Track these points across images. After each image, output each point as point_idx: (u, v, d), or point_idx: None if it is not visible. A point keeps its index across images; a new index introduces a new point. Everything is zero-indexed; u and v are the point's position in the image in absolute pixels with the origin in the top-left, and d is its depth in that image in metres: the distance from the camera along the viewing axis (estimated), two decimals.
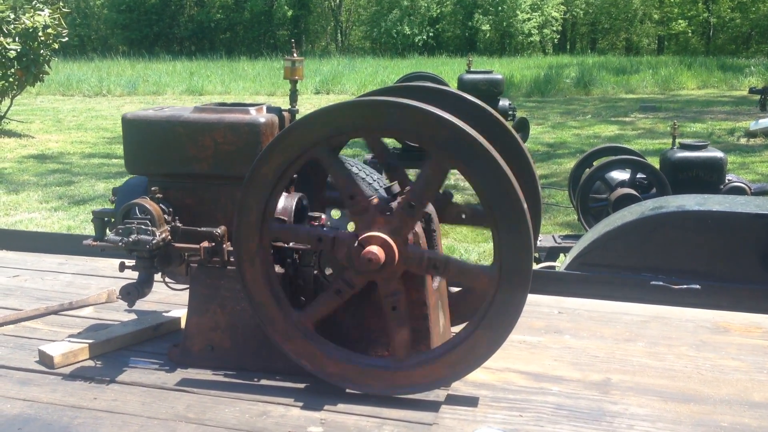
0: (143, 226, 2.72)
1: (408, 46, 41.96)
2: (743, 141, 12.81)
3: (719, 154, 5.12)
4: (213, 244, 2.81)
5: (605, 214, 5.16)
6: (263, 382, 2.78)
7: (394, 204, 2.54)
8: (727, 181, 5.05)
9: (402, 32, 43.43)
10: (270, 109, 2.88)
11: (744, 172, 10.00)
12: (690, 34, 50.00)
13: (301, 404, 2.62)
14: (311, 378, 2.75)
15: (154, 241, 2.71)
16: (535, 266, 4.59)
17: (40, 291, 3.80)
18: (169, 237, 2.79)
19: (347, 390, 2.67)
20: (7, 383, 2.79)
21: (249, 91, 23.98)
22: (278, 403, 2.63)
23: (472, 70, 8.04)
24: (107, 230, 3.01)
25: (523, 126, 8.61)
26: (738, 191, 4.91)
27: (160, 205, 2.81)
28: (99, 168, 10.89)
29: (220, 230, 2.79)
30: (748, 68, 24.97)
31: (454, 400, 2.60)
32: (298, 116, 2.92)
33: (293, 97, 2.91)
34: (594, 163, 5.86)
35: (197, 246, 2.80)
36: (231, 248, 2.81)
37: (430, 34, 44.26)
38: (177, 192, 2.87)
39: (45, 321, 3.40)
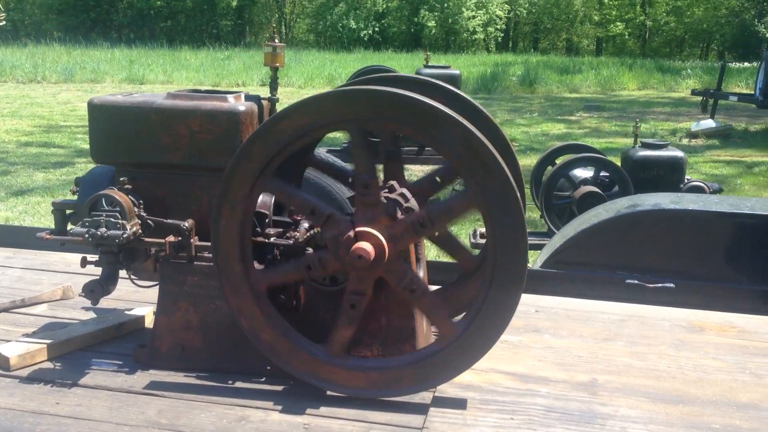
0: (112, 219, 2.55)
1: (354, 41, 41.78)
2: (685, 141, 13.08)
3: (680, 153, 5.17)
4: (180, 238, 2.65)
5: (568, 211, 5.16)
6: (239, 384, 2.64)
7: (409, 208, 2.43)
8: (686, 180, 5.10)
9: (348, 26, 43.23)
10: (249, 98, 2.74)
11: (689, 173, 10.18)
12: (627, 37, 51.14)
13: (280, 408, 2.49)
14: (289, 380, 2.63)
15: (124, 236, 2.54)
16: None
17: None
18: (140, 231, 2.62)
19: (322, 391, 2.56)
20: None
21: (192, 81, 23.47)
22: (257, 407, 2.49)
23: (429, 64, 7.98)
24: (69, 223, 2.84)
25: None
26: (698, 190, 4.96)
27: (130, 196, 2.64)
28: (37, 157, 10.47)
29: (187, 224, 2.63)
30: (684, 71, 25.58)
31: (441, 402, 2.51)
32: (278, 106, 2.79)
33: (274, 85, 2.77)
34: (557, 161, 5.85)
35: (162, 240, 2.64)
36: (199, 243, 2.67)
37: (376, 29, 44.15)
38: (147, 183, 2.70)
39: None
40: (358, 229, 2.39)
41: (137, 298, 3.41)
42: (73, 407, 2.48)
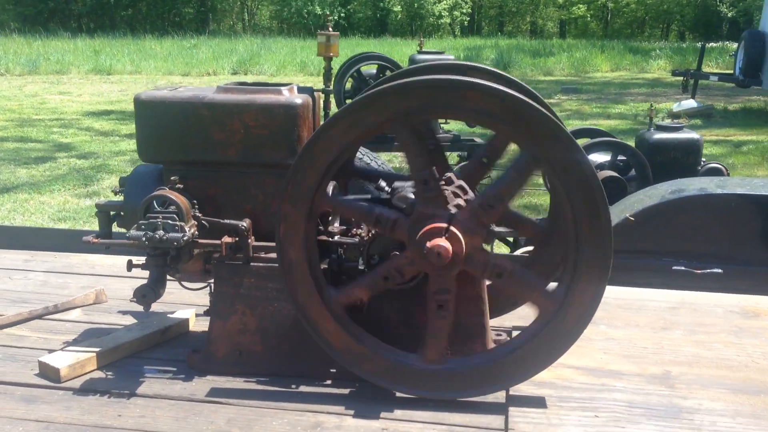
0: (170, 221, 2.42)
1: (319, 27, 41.32)
2: (668, 122, 13.16)
3: (696, 135, 5.13)
4: (236, 238, 2.54)
5: None
6: (303, 388, 2.54)
7: (469, 199, 2.34)
8: (703, 163, 5.08)
9: (313, 12, 42.77)
10: (301, 89, 2.62)
11: None
12: (589, 19, 51.41)
13: (353, 412, 2.40)
14: (352, 382, 2.54)
15: (184, 238, 2.42)
16: (521, 251, 4.48)
17: (12, 292, 3.41)
18: (196, 232, 2.50)
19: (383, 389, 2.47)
20: (10, 402, 2.45)
21: (161, 71, 23.03)
22: (328, 413, 2.40)
23: (423, 50, 7.85)
24: (113, 225, 2.71)
25: None
26: (716, 172, 4.94)
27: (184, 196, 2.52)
28: (15, 153, 10.16)
29: (245, 223, 2.51)
30: (654, 51, 25.79)
31: (519, 401, 2.44)
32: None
33: (327, 75, 2.65)
34: None
35: (218, 241, 2.52)
36: (256, 243, 2.56)
37: (342, 14, 43.77)
38: (198, 181, 2.58)
39: (30, 327, 3.03)
40: (428, 227, 2.30)
41: (171, 300, 3.28)
42: (137, 419, 2.36)
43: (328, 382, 2.58)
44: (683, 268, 3.35)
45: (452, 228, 2.30)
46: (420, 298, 2.46)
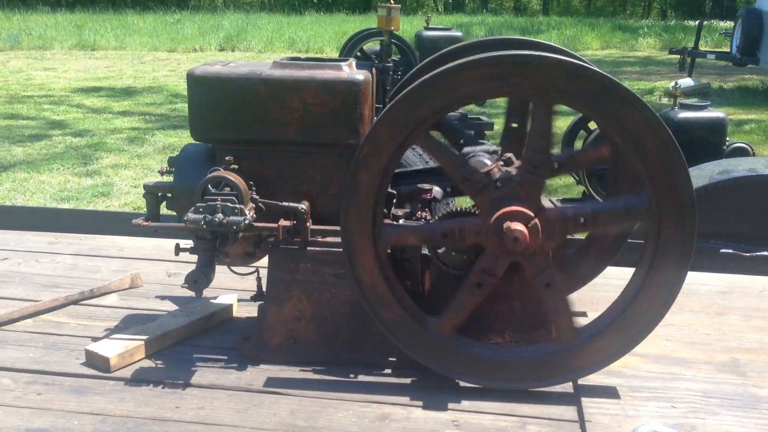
0: (230, 204, 2.31)
1: (303, 3, 40.80)
2: (665, 101, 13.12)
3: (721, 114, 5.06)
4: (294, 222, 2.43)
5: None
6: (362, 378, 2.46)
7: (512, 169, 2.25)
8: (728, 142, 5.01)
9: None
10: (360, 65, 2.51)
11: None
12: None
13: (420, 403, 2.32)
14: (412, 371, 2.46)
15: (246, 221, 2.31)
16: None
17: (42, 276, 3.29)
18: (254, 215, 2.39)
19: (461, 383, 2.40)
20: (60, 394, 2.35)
21: (147, 47, 22.57)
22: (394, 404, 2.32)
23: (430, 26, 7.70)
24: (161, 207, 2.60)
25: None
26: (742, 152, 4.88)
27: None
28: (8, 130, 9.89)
29: (304, 206, 2.41)
30: (642, 29, 25.69)
31: (589, 391, 2.36)
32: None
33: (387, 51, 2.53)
34: (590, 125, 5.70)
35: (274, 225, 2.41)
36: (314, 227, 2.46)
37: None
38: (253, 162, 2.47)
39: (67, 313, 2.92)
40: (494, 217, 2.21)
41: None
42: (196, 411, 2.26)
43: (388, 371, 2.50)
44: (731, 251, 3.30)
45: (537, 221, 2.21)
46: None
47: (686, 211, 2.17)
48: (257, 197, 2.41)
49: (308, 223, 2.45)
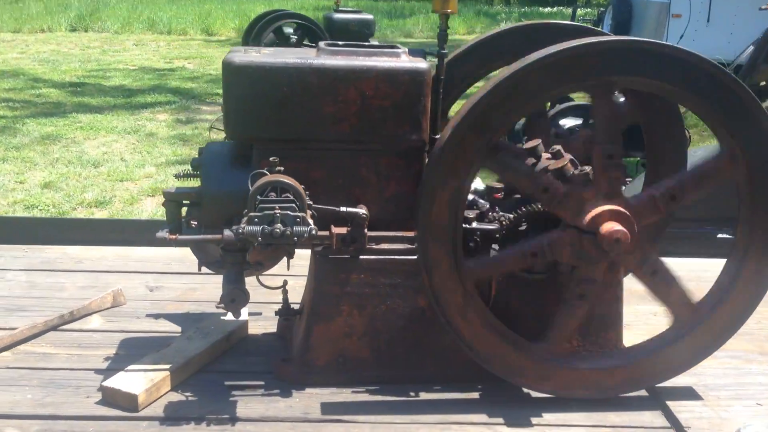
0: (290, 213, 2.01)
1: None
2: None
3: None
4: (349, 228, 2.17)
5: None
6: (425, 396, 2.24)
7: (587, 168, 2.10)
8: None
9: None
10: (412, 52, 2.26)
11: None
12: None
13: (501, 420, 2.13)
14: (472, 384, 2.28)
15: (312, 231, 2.01)
16: None
17: (8, 299, 2.79)
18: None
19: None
20: None
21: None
22: (474, 423, 2.12)
23: (341, 8, 7.43)
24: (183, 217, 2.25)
25: None
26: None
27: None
28: None
29: (363, 210, 2.14)
30: (500, 15, 26.46)
31: (669, 394, 2.26)
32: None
33: (443, 36, 2.28)
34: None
35: (325, 233, 2.14)
36: (372, 233, 2.20)
37: None
38: (299, 163, 2.16)
39: (48, 341, 2.49)
40: (585, 224, 2.05)
41: (196, 297, 2.84)
42: None
43: (438, 387, 2.28)
44: (728, 236, 3.31)
45: (602, 208, 2.06)
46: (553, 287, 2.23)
47: None
48: (311, 203, 2.12)
49: (366, 230, 2.18)
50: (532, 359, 2.19)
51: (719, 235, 3.34)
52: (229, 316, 2.58)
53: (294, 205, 2.02)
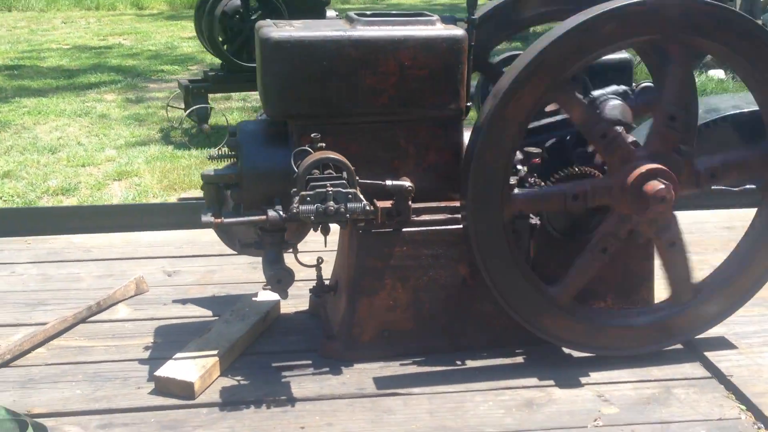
0: (342, 189, 2.00)
1: None
2: None
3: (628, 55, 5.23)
4: (393, 201, 2.17)
5: None
6: (471, 363, 2.28)
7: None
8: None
9: None
10: (444, 19, 2.25)
11: None
12: None
13: (553, 382, 2.18)
14: (512, 349, 2.33)
15: (367, 207, 2.01)
16: None
17: (17, 293, 2.72)
18: None
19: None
20: None
21: None
22: (527, 387, 2.17)
23: None
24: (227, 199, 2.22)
25: None
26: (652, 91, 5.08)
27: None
28: None
29: (408, 183, 2.15)
30: None
31: (704, 345, 2.34)
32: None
33: (473, 2, 2.26)
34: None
35: (369, 208, 2.13)
36: (416, 205, 2.21)
37: None
38: (339, 138, 2.15)
39: (80, 334, 2.44)
40: (635, 175, 2.09)
41: (214, 281, 2.81)
42: (326, 427, 1.99)
43: (485, 354, 2.32)
44: (721, 186, 3.41)
45: (653, 165, 2.11)
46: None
47: None
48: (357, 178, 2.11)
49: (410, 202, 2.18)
50: (575, 320, 2.24)
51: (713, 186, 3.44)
52: (261, 297, 2.57)
53: (345, 181, 2.01)
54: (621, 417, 2.03)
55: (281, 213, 2.08)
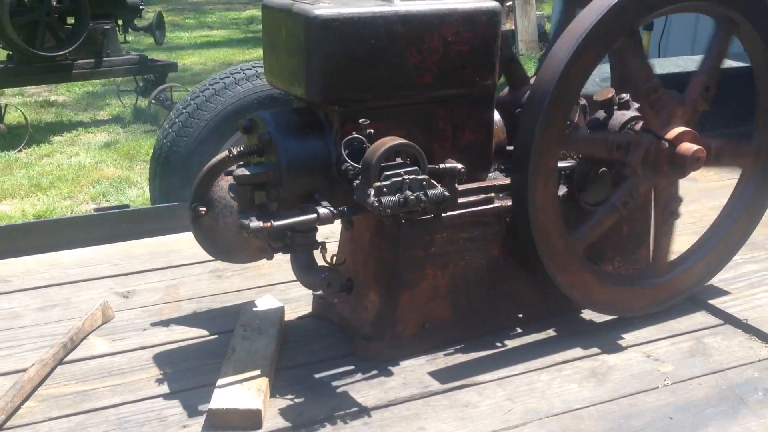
0: (417, 177, 1.84)
1: None
2: None
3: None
4: (444, 185, 2.04)
5: None
6: (513, 343, 2.23)
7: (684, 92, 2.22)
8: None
9: None
10: None
11: None
12: None
13: (598, 350, 2.20)
14: (541, 321, 2.32)
15: (444, 193, 1.87)
16: None
17: None
18: None
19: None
20: None
21: None
22: (575, 359, 2.17)
23: None
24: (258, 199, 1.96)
25: (160, 23, 7.52)
26: None
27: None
28: None
29: (460, 165, 2.03)
30: None
31: (702, 295, 2.48)
32: None
33: None
34: None
35: (447, 194, 1.97)
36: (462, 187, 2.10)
37: None
38: (381, 122, 1.96)
39: (65, 377, 2.04)
40: (673, 135, 2.15)
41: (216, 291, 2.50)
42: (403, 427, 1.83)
43: (519, 330, 2.29)
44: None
45: (691, 130, 2.18)
46: None
47: None
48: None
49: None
50: (600, 282, 2.27)
51: None
52: (261, 305, 2.31)
53: (417, 170, 1.85)
54: (680, 373, 2.09)
55: (332, 209, 1.88)
